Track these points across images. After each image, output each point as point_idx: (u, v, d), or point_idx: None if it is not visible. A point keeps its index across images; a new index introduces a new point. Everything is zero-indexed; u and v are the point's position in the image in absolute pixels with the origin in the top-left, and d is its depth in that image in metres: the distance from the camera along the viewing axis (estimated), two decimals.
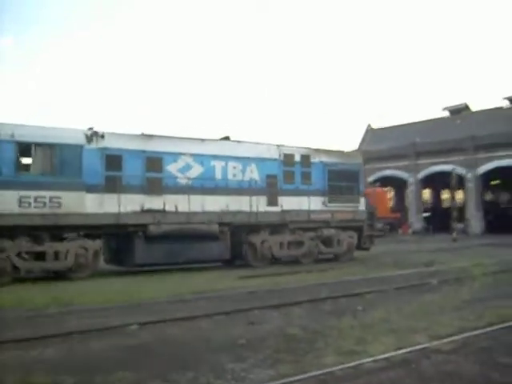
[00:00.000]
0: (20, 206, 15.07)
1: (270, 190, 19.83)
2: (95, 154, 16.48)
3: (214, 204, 18.40)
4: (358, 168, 23.11)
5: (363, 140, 57.48)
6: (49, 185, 15.62)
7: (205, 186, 18.31)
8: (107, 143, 16.78)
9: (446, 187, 52.66)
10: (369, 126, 58.90)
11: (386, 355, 7.08)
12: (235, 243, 19.12)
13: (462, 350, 7.50)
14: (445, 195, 60.43)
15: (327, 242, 21.26)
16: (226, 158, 19.06)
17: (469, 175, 44.70)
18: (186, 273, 17.09)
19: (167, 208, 17.49)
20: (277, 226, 20.00)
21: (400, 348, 7.43)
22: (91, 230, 16.48)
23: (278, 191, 20.03)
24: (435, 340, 7.89)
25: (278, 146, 20.71)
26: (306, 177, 20.96)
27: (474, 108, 51.71)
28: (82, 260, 16.12)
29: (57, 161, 15.88)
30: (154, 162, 17.68)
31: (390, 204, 44.70)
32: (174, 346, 7.92)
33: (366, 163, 52.47)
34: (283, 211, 19.95)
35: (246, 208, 18.97)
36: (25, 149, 15.47)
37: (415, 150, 48.47)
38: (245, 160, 19.47)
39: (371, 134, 57.73)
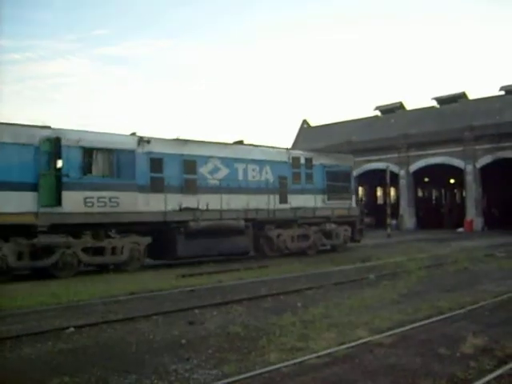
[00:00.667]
0: (85, 205, 16.48)
1: (281, 189, 22.15)
2: (144, 157, 18.05)
3: (238, 202, 20.40)
4: (350, 169, 26.06)
5: (298, 137, 57.89)
6: (108, 186, 17.13)
7: (230, 186, 20.27)
8: (152, 148, 18.31)
9: (381, 184, 53.86)
10: (304, 122, 59.25)
11: (330, 351, 7.11)
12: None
13: (402, 342, 7.62)
14: (379, 192, 61.76)
15: (328, 235, 23.72)
16: (246, 161, 21.11)
17: (401, 172, 45.85)
18: (118, 274, 16.47)
19: (200, 206, 19.16)
20: (288, 222, 22.15)
21: (343, 343, 7.48)
22: (142, 226, 17.98)
23: (288, 190, 22.36)
24: (376, 334, 8.00)
25: (287, 149, 23.61)
26: (309, 177, 23.40)
27: (408, 107, 52.91)
28: (135, 254, 17.60)
29: (114, 164, 17.41)
30: (190, 164, 19.38)
31: None
32: (113, 348, 7.67)
33: None
34: (292, 208, 22.28)
35: (263, 206, 21.15)
36: (88, 153, 16.79)
37: (351, 147, 49.27)
38: (261, 162, 21.61)
39: (306, 131, 58.25)
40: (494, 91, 47.65)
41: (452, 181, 51.69)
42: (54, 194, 15.94)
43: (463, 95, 48.41)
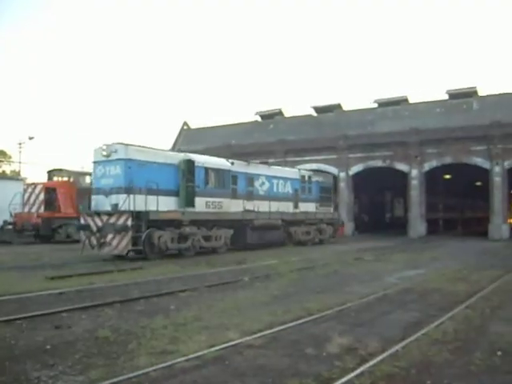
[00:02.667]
0: (206, 207, 23.24)
1: (295, 198, 29.95)
2: (231, 174, 24.94)
3: (274, 207, 27.52)
4: (331, 185, 34.65)
5: (177, 139, 57.46)
6: (217, 194, 23.90)
7: (271, 196, 27.84)
8: (233, 168, 25.23)
9: None
10: (184, 124, 58.86)
11: (199, 353, 7.08)
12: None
13: (272, 343, 7.76)
14: None
15: (320, 231, 31.58)
16: (278, 178, 29.00)
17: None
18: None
19: (255, 209, 26.25)
20: (299, 222, 29.92)
21: (213, 345, 7.47)
22: (228, 222, 24.53)
23: (299, 199, 30.19)
24: (247, 335, 8.07)
25: (298, 170, 32.37)
26: (310, 190, 31.46)
27: (287, 114, 54.02)
28: (226, 241, 24.46)
29: (219, 179, 24.25)
30: (250, 179, 26.69)
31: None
32: None
33: None
34: (302, 212, 30.17)
35: (287, 210, 28.92)
36: (207, 171, 23.46)
37: (230, 151, 49.68)
38: (285, 179, 29.56)
39: (187, 132, 57.96)
40: (367, 104, 50.14)
41: None
42: (190, 199, 22.08)
43: (339, 106, 50.37)
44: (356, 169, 44.09)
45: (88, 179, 32.04)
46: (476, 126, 39.44)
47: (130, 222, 19.55)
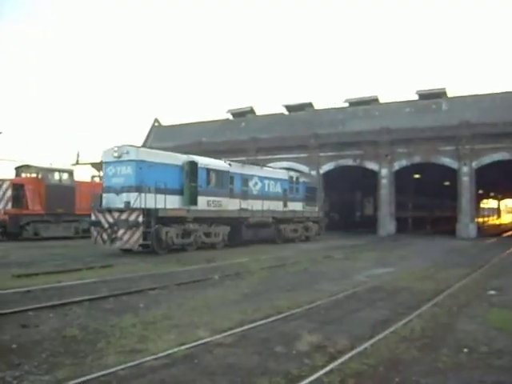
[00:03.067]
0: (207, 205, 24.83)
1: (285, 198, 31.40)
2: (229, 175, 26.51)
3: (266, 206, 29.14)
4: (316, 186, 36.46)
5: (148, 136, 57.04)
6: (217, 193, 25.51)
7: (263, 195, 29.30)
8: (231, 169, 26.91)
9: None
10: (155, 121, 58.42)
11: (169, 352, 7.03)
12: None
13: (242, 342, 7.75)
14: None
15: (307, 229, 33.24)
16: (269, 178, 30.35)
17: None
18: None
19: (249, 208, 27.80)
20: (287, 220, 31.31)
21: (182, 344, 7.43)
22: (226, 219, 26.01)
23: (287, 199, 31.62)
24: (217, 334, 8.05)
25: (287, 170, 34.09)
26: (297, 190, 32.85)
27: (259, 112, 54.01)
28: (224, 238, 25.96)
29: (219, 179, 25.82)
30: (245, 180, 28.13)
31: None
32: None
33: None
34: (290, 211, 31.64)
35: (277, 208, 30.35)
36: (208, 172, 25.08)
37: (201, 148, 49.51)
38: (275, 179, 30.96)
39: (158, 129, 57.58)
40: (339, 103, 50.45)
41: None
42: (193, 198, 23.64)
43: (310, 104, 50.58)
44: (327, 167, 44.35)
45: (57, 175, 31.63)
46: (445, 126, 40.04)
47: (141, 219, 20.98)
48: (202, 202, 24.27)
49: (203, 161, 25.11)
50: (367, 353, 7.20)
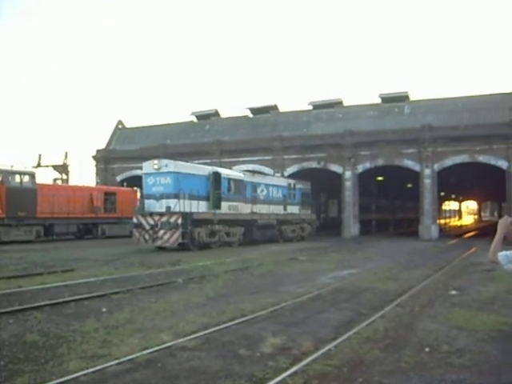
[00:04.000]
0: (228, 209, 29.13)
1: (284, 202, 35.65)
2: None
3: (270, 210, 33.49)
4: (309, 191, 39.69)
5: (112, 138, 56.38)
6: (235, 199, 29.90)
7: (268, 200, 33.59)
8: (245, 178, 31.69)
9: None
10: (119, 123, 57.74)
11: (131, 356, 6.96)
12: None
13: (205, 345, 7.71)
14: None
15: (302, 229, 37.51)
16: (272, 185, 34.62)
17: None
18: None
19: (258, 211, 32.01)
20: (287, 222, 35.51)
21: (146, 348, 7.36)
22: (241, 222, 30.36)
23: (287, 203, 35.92)
24: (180, 337, 8.00)
25: (286, 178, 39.15)
26: (294, 195, 37.02)
27: (223, 114, 53.88)
28: (239, 237, 30.09)
29: (237, 187, 30.23)
30: (254, 187, 32.47)
31: (138, 204, 44.63)
32: None
33: (114, 162, 51.96)
34: (289, 214, 35.90)
35: (279, 212, 34.75)
36: (229, 181, 29.52)
37: (165, 151, 49.23)
38: (277, 186, 35.35)
39: (121, 131, 56.97)
40: (303, 106, 50.66)
41: None
42: (218, 203, 27.90)
43: (275, 107, 50.71)
44: (291, 170, 44.50)
45: (18, 178, 30.99)
46: (407, 129, 40.67)
47: (180, 221, 25.07)
48: (224, 207, 28.72)
49: (225, 171, 30.27)
50: (331, 354, 7.24)
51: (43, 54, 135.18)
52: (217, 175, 28.34)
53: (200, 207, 26.64)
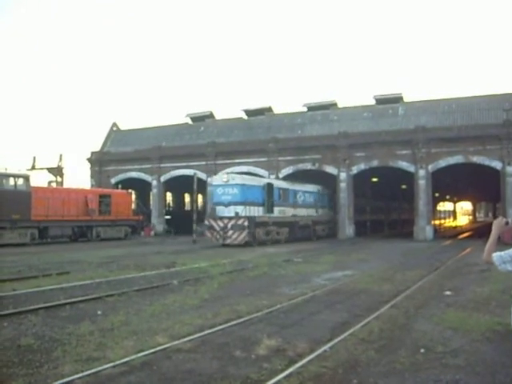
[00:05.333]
0: (279, 213, 34.96)
1: (316, 206, 41.22)
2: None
3: (307, 212, 39.27)
4: (329, 193, 43.82)
5: (106, 140, 56.25)
6: (283, 204, 35.89)
7: (304, 204, 39.34)
8: (289, 186, 37.90)
9: (189, 191, 54.31)
10: (113, 125, 57.59)
11: (126, 359, 6.96)
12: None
13: (201, 347, 7.71)
14: (187, 198, 62.38)
15: (329, 228, 42.85)
16: (306, 191, 40.05)
17: (209, 180, 46.79)
18: None
19: (298, 214, 37.68)
20: (319, 222, 40.98)
21: (141, 350, 7.36)
22: (287, 223, 35.90)
23: (317, 206, 41.32)
24: (176, 340, 8.00)
25: (317, 185, 41.81)
26: (323, 200, 42.56)
27: (218, 116, 53.79)
28: (286, 236, 35.42)
29: (284, 194, 36.35)
30: (294, 193, 38.11)
31: (133, 206, 44.56)
32: None
33: (108, 165, 51.87)
34: (319, 215, 41.45)
35: (312, 214, 40.35)
36: (278, 190, 35.56)
37: (160, 153, 49.19)
38: (310, 192, 40.72)
39: (116, 134, 56.84)
40: (298, 107, 50.69)
41: None
42: (271, 208, 33.84)
43: (270, 109, 50.70)
44: (286, 171, 44.45)
45: (12, 181, 30.89)
46: (402, 130, 40.75)
47: (246, 223, 30.73)
48: (276, 211, 34.64)
49: (276, 182, 37.05)
50: (326, 355, 7.25)
51: (39, 55, 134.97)
52: (270, 185, 34.66)
53: (258, 212, 32.50)
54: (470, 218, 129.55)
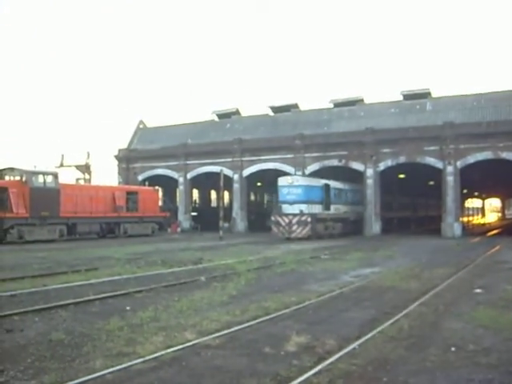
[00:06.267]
0: (334, 210, 38.86)
1: (355, 202, 43.02)
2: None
3: (354, 209, 42.32)
4: (359, 190, 45.43)
5: (133, 138, 56.71)
6: (337, 202, 39.65)
7: (348, 201, 42.15)
8: (340, 186, 41.16)
9: (215, 187, 54.48)
10: (140, 123, 58.01)
11: (156, 355, 7.01)
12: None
13: (229, 343, 7.72)
14: (213, 195, 62.59)
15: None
16: (348, 190, 42.62)
17: (235, 176, 46.91)
18: None
19: (343, 210, 41.19)
20: (359, 217, 42.97)
21: (170, 346, 7.40)
22: (340, 219, 39.75)
23: (354, 203, 42.93)
24: (204, 336, 8.02)
25: (355, 184, 43.80)
26: (358, 196, 43.68)
27: (244, 113, 53.85)
28: (339, 230, 39.25)
29: (339, 193, 40.39)
30: (343, 192, 41.54)
31: (160, 203, 44.91)
32: None
33: (135, 162, 52.30)
34: (355, 212, 42.65)
35: (355, 210, 42.55)
36: (334, 190, 39.46)
37: (186, 150, 49.39)
38: (351, 190, 43.12)
39: (142, 131, 57.27)
40: (324, 104, 50.45)
41: None
42: (328, 206, 37.79)
43: (296, 105, 50.56)
44: (312, 168, 44.33)
45: (41, 178, 31.35)
46: (429, 126, 40.30)
47: (309, 219, 34.68)
48: (332, 208, 38.51)
49: (332, 183, 39.47)
50: (355, 353, 7.20)
51: (66, 54, 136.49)
52: (327, 186, 38.33)
53: (318, 209, 36.43)
54: (499, 214, 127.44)
